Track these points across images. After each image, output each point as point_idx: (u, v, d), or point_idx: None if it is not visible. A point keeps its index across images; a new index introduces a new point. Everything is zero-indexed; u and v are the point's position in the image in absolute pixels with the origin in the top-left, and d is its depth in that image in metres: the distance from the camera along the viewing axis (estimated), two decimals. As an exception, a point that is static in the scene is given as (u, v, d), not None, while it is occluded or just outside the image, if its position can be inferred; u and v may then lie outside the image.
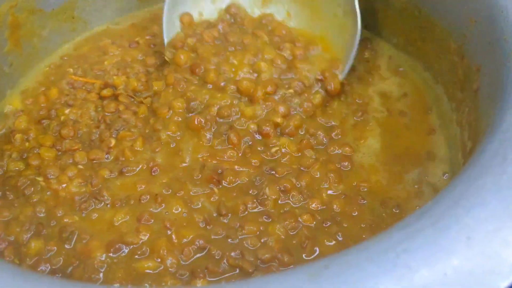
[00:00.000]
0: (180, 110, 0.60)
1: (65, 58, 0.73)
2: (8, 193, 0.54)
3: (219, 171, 0.54)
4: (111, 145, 0.58)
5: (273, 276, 0.31)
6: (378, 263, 0.30)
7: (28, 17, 0.68)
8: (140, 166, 0.56)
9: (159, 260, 0.47)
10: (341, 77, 0.63)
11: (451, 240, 0.31)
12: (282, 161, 0.56)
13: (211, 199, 0.52)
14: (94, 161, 0.57)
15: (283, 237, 0.48)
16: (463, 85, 0.56)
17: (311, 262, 0.32)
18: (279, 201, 0.52)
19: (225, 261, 0.46)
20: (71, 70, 0.70)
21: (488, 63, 0.49)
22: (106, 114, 0.62)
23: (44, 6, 0.70)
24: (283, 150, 0.57)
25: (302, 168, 0.55)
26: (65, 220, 0.51)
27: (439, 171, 0.57)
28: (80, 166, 0.56)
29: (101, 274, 0.46)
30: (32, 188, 0.54)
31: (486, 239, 0.31)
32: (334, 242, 0.48)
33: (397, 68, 0.70)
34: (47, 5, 0.70)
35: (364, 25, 0.75)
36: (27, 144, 0.60)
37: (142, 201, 0.52)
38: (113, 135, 0.59)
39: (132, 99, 0.64)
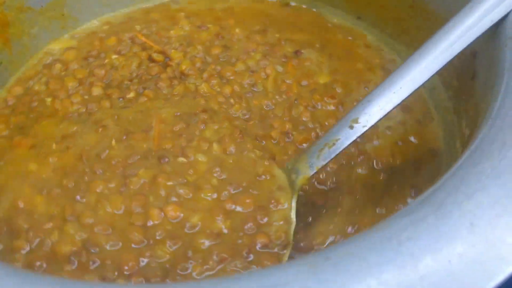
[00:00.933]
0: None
1: (135, 17, 0.75)
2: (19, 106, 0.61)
3: None
4: (129, 95, 0.60)
5: (273, 268, 0.31)
6: (380, 252, 0.30)
7: (17, 15, 0.67)
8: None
9: None
10: None
11: (454, 226, 0.31)
12: None
13: None
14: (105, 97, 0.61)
15: None
16: (459, 72, 0.56)
17: (311, 254, 0.31)
18: None
19: None
20: (139, 27, 0.72)
21: (484, 48, 0.49)
22: (145, 74, 0.64)
23: (33, 3, 0.69)
24: None
25: None
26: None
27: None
28: (86, 97, 0.61)
29: None
30: (36, 103, 0.60)
31: (489, 225, 0.31)
32: None
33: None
34: (36, 3, 0.69)
35: (357, 16, 0.75)
36: (63, 73, 0.65)
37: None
38: (139, 91, 0.62)
39: (176, 77, 0.65)
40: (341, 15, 0.76)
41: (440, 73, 0.62)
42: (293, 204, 0.49)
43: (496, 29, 0.47)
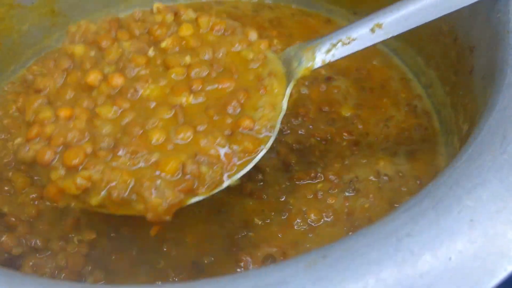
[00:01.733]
0: None
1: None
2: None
3: None
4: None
5: (270, 267, 0.30)
6: (379, 249, 0.29)
7: (8, 12, 0.66)
8: None
9: None
10: None
11: (453, 222, 0.30)
12: None
13: None
14: None
15: None
16: (457, 67, 0.55)
17: (308, 252, 0.30)
18: None
19: None
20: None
21: (482, 43, 0.48)
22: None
23: (23, 0, 0.67)
24: None
25: None
26: None
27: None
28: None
29: None
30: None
31: (489, 221, 0.30)
32: None
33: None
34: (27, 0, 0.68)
35: (353, 12, 0.74)
36: None
37: None
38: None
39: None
40: (337, 10, 0.75)
41: (437, 67, 0.62)
42: (287, 92, 0.46)
43: (493, 22, 0.46)
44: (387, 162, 0.56)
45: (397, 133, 0.59)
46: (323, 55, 0.46)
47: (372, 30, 0.45)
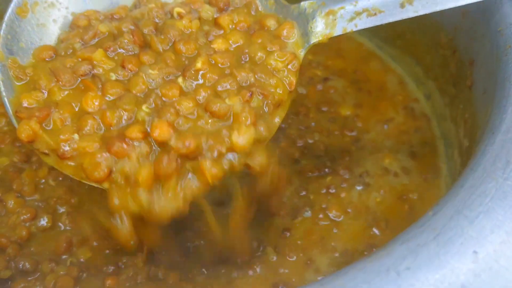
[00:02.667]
0: None
1: None
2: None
3: None
4: None
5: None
6: (378, 286, 0.28)
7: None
8: None
9: None
10: None
11: (456, 255, 0.29)
12: None
13: None
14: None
15: None
16: (456, 80, 0.54)
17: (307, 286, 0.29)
18: None
19: None
20: None
21: (482, 57, 0.47)
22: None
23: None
24: None
25: None
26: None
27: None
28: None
29: None
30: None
31: (494, 253, 0.28)
32: None
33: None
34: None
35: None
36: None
37: None
38: None
39: None
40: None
41: (436, 79, 0.61)
42: (302, 54, 0.44)
43: (493, 36, 0.45)
44: (392, 159, 0.57)
45: (397, 134, 0.60)
46: (345, 23, 0.44)
47: (402, 5, 0.42)
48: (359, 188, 0.54)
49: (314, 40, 0.44)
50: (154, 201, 0.37)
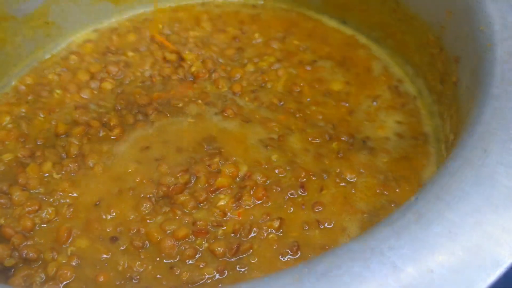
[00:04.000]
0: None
1: (160, 15, 0.78)
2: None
3: None
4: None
5: (261, 280, 0.31)
6: (363, 263, 0.30)
7: (0, 24, 0.67)
8: None
9: None
10: None
11: (434, 235, 0.31)
12: None
13: None
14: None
15: None
16: (443, 77, 0.56)
17: (294, 266, 0.31)
18: None
19: None
20: (161, 26, 0.75)
21: (467, 54, 0.49)
22: (156, 76, 0.67)
23: (15, 12, 0.68)
24: None
25: None
26: None
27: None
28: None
29: None
30: (46, 93, 0.66)
31: (469, 233, 0.31)
32: None
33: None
34: (19, 11, 0.68)
35: (343, 21, 0.75)
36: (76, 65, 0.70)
37: None
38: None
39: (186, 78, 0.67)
40: (326, 19, 0.76)
41: (424, 76, 0.63)
42: None
43: (476, 35, 0.47)
44: (387, 129, 0.60)
45: (386, 108, 0.63)
46: None
47: None
48: (365, 152, 0.57)
49: None
50: None
